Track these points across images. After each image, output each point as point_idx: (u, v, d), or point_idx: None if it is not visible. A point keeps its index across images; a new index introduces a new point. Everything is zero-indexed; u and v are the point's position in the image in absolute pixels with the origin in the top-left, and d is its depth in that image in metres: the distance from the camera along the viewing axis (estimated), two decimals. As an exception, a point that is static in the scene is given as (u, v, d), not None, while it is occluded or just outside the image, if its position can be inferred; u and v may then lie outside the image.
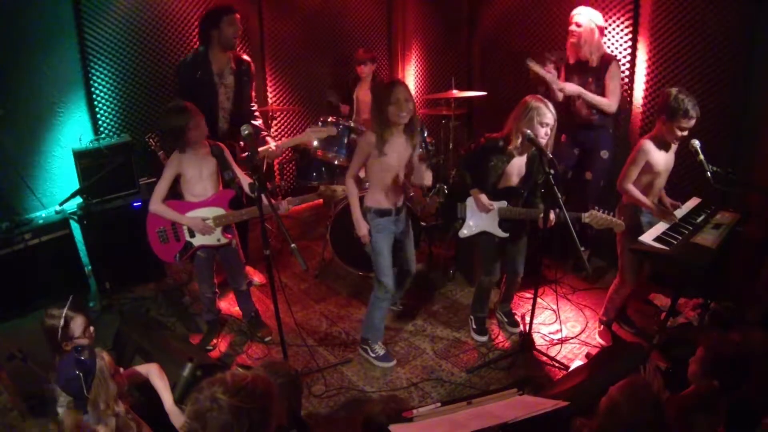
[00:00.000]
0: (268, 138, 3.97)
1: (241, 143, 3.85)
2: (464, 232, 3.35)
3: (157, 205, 3.13)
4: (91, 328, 2.45)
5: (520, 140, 3.05)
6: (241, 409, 1.55)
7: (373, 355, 3.36)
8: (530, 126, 2.98)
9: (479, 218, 3.29)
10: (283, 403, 1.96)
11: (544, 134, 2.99)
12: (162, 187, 3.13)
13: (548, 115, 2.98)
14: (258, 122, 4.04)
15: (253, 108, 4.01)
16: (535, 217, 3.10)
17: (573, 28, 3.75)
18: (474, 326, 3.60)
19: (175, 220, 3.16)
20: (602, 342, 3.44)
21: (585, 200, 3.86)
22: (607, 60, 3.78)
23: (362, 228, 3.15)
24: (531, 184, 3.23)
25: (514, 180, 3.21)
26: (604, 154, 3.96)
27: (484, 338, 3.56)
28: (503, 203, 3.20)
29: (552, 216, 2.98)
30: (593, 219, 2.99)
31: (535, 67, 3.78)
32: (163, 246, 3.23)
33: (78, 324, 2.37)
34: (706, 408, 2.07)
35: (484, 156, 3.19)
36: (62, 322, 2.30)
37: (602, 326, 3.49)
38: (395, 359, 3.37)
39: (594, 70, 3.78)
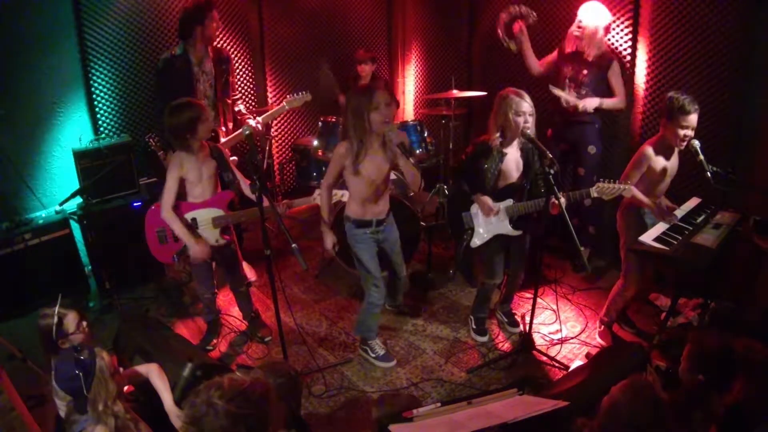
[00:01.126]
0: (248, 120, 4.09)
1: (223, 128, 4.02)
2: (476, 241, 3.26)
3: (168, 213, 3.05)
4: (84, 323, 2.44)
5: (498, 134, 3.07)
6: (237, 415, 1.53)
7: (374, 355, 3.36)
8: (505, 118, 3.00)
9: (489, 223, 3.23)
10: (282, 406, 1.95)
11: (522, 122, 2.99)
12: (170, 193, 3.05)
13: (522, 104, 2.97)
14: (242, 107, 4.26)
15: (237, 96, 4.25)
16: (542, 206, 3.05)
17: (579, 22, 3.78)
18: (474, 326, 3.60)
19: (181, 237, 3.09)
20: (602, 342, 3.44)
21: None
22: (609, 58, 3.82)
23: (327, 241, 3.07)
24: (531, 176, 3.20)
25: (514, 175, 3.19)
26: (592, 149, 4.01)
27: (484, 338, 3.55)
28: (509, 201, 3.18)
29: (562, 200, 2.92)
30: (602, 191, 2.98)
31: (556, 92, 3.91)
32: (161, 246, 3.23)
33: (71, 320, 2.37)
34: (699, 403, 2.07)
35: (476, 161, 3.16)
36: (56, 319, 2.31)
37: (603, 326, 3.48)
38: (395, 359, 3.37)
39: (589, 64, 3.83)
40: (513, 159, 3.15)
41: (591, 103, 3.83)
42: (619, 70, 3.85)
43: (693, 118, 2.90)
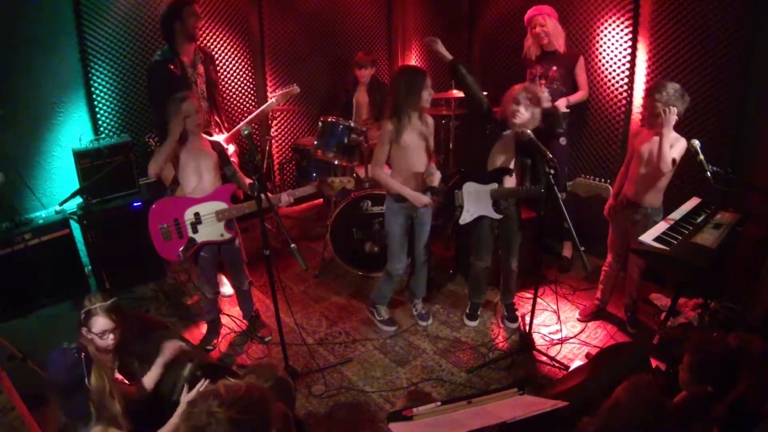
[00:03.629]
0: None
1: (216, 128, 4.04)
2: (464, 218, 3.39)
3: (153, 166, 3.15)
4: (111, 336, 2.25)
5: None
6: (239, 421, 1.52)
7: (379, 319, 3.62)
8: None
9: (476, 204, 3.35)
10: (280, 406, 1.95)
11: (512, 113, 3.09)
12: (161, 154, 3.14)
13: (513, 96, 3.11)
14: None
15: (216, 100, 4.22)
16: (524, 195, 3.19)
17: (538, 30, 3.94)
18: (467, 311, 3.72)
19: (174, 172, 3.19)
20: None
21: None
22: (575, 54, 4.02)
23: (422, 198, 3.27)
24: (519, 163, 3.28)
25: (503, 159, 3.29)
26: (563, 141, 4.08)
27: (474, 323, 3.67)
28: (494, 185, 3.27)
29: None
30: (578, 186, 3.03)
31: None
32: (165, 243, 3.22)
33: (99, 323, 2.23)
34: (701, 414, 2.05)
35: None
36: (85, 309, 2.23)
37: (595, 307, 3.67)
38: (398, 326, 3.64)
39: (558, 59, 3.98)
40: (508, 143, 3.26)
41: (561, 103, 3.97)
42: (584, 64, 4.04)
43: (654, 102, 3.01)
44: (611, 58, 4.11)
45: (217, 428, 1.50)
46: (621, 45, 4.04)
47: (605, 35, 4.10)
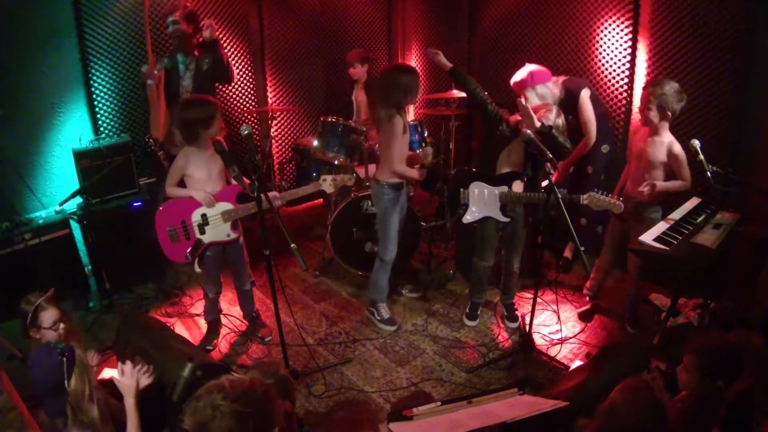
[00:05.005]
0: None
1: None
2: (467, 217, 3.39)
3: (170, 189, 3.20)
4: (62, 325, 2.33)
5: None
6: (243, 414, 1.52)
7: (379, 318, 3.64)
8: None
9: (482, 204, 3.33)
10: (286, 404, 1.95)
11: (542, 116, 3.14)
12: (171, 176, 3.19)
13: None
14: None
15: (228, 71, 4.24)
16: (535, 200, 3.16)
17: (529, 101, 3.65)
18: (467, 310, 3.72)
19: (189, 194, 3.18)
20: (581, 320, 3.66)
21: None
22: (574, 90, 3.70)
23: (416, 172, 3.43)
24: (530, 166, 3.27)
25: (516, 162, 3.27)
26: (605, 148, 3.99)
27: (474, 323, 3.68)
28: (504, 188, 3.26)
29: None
30: (592, 200, 3.05)
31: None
32: (173, 245, 3.22)
33: (48, 316, 2.29)
34: (709, 412, 2.05)
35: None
36: (32, 308, 2.26)
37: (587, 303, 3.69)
38: (398, 324, 3.66)
39: (566, 110, 3.56)
40: (519, 145, 3.24)
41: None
42: (587, 100, 3.75)
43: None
44: (611, 58, 4.12)
45: (222, 422, 1.51)
46: (621, 45, 4.04)
47: (605, 35, 4.10)
